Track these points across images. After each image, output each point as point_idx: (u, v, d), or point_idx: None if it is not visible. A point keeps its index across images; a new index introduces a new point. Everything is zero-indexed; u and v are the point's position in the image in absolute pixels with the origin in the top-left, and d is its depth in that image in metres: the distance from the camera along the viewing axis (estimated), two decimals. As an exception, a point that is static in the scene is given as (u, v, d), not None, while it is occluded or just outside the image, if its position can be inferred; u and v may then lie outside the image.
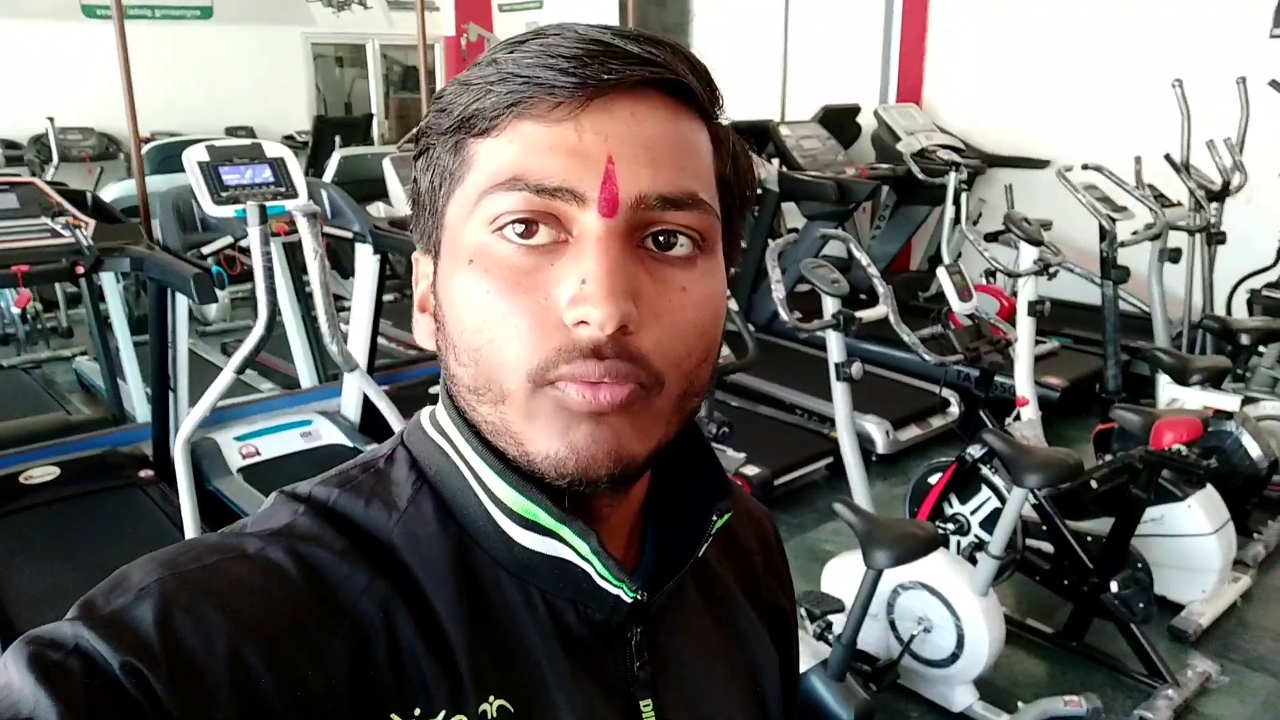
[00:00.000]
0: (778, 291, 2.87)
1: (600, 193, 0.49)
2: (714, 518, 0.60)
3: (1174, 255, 4.44)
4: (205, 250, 3.10)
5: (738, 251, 0.60)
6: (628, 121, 0.50)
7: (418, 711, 0.50)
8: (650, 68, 0.51)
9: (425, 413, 0.61)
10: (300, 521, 0.54)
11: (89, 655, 0.45)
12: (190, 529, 2.56)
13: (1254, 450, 3.24)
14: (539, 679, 0.55)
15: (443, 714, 0.51)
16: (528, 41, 0.52)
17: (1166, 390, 3.59)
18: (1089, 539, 2.84)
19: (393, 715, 0.49)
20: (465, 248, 0.52)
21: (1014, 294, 3.77)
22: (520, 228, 0.51)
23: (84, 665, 0.44)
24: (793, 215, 5.66)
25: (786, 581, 0.77)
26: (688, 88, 0.53)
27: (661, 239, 0.52)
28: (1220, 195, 4.48)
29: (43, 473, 3.13)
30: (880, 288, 3.04)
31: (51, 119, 6.65)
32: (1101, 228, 4.26)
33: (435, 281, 0.56)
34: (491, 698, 0.52)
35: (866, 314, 2.94)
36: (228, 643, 0.46)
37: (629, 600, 0.55)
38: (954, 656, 2.52)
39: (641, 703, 0.58)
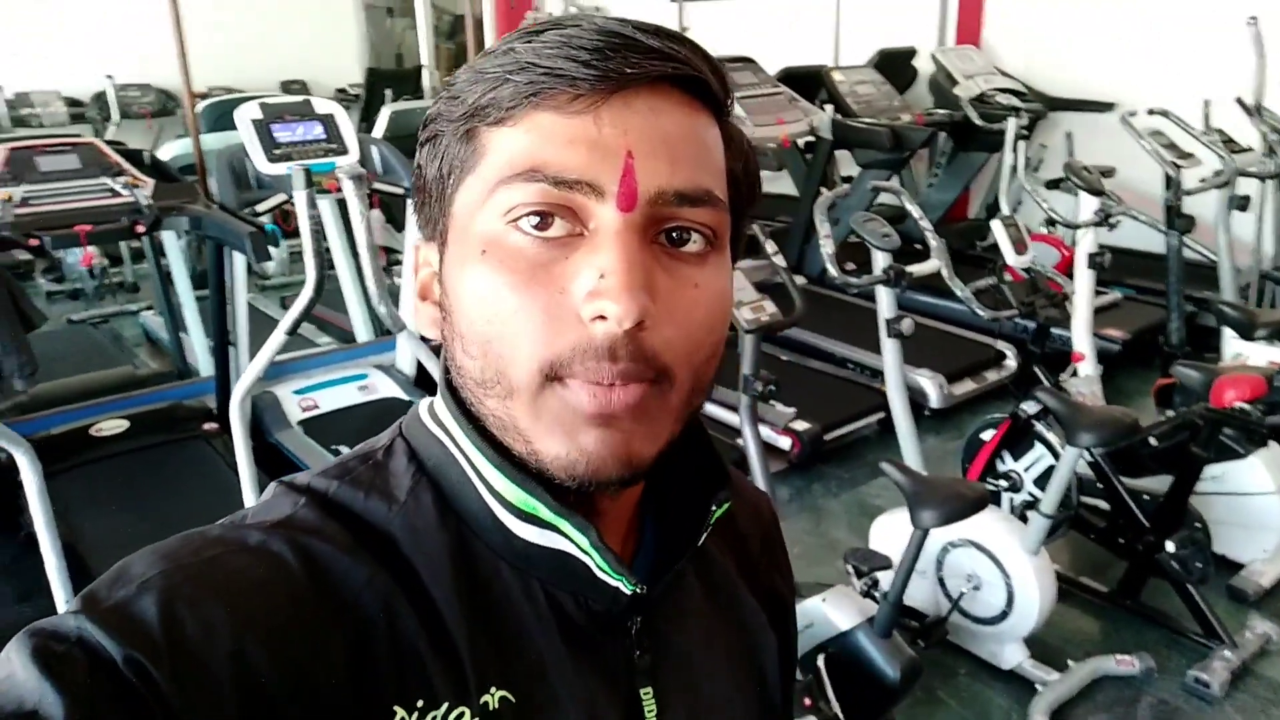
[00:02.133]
0: (826, 246, 2.83)
1: (619, 187, 0.49)
2: (713, 507, 0.60)
3: (1243, 203, 4.28)
4: (260, 208, 3.15)
5: (742, 249, 0.60)
6: (647, 116, 0.50)
7: (420, 703, 0.50)
8: (671, 63, 0.50)
9: (424, 404, 0.61)
10: (301, 513, 0.54)
11: (92, 647, 0.45)
12: (247, 481, 2.64)
13: (1321, 407, 3.14)
14: (540, 669, 0.55)
15: (445, 705, 0.51)
16: (546, 31, 0.51)
17: (1232, 344, 3.48)
18: (1146, 497, 2.79)
19: (395, 707, 0.50)
20: (477, 238, 0.52)
21: (1074, 244, 3.68)
22: (536, 220, 0.50)
23: (87, 657, 0.44)
24: (846, 163, 5.55)
25: (785, 566, 0.77)
26: (704, 85, 0.53)
27: (675, 235, 0.52)
28: (1295, 140, 4.30)
29: (112, 425, 3.24)
30: (933, 241, 2.98)
31: (111, 76, 6.74)
32: (1166, 175, 4.11)
33: (441, 270, 0.56)
34: (493, 689, 0.53)
35: (918, 268, 2.89)
36: (230, 635, 0.46)
37: (629, 592, 0.55)
38: (1004, 614, 2.51)
39: (642, 691, 0.58)
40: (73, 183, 2.95)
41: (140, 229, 2.98)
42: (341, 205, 3.45)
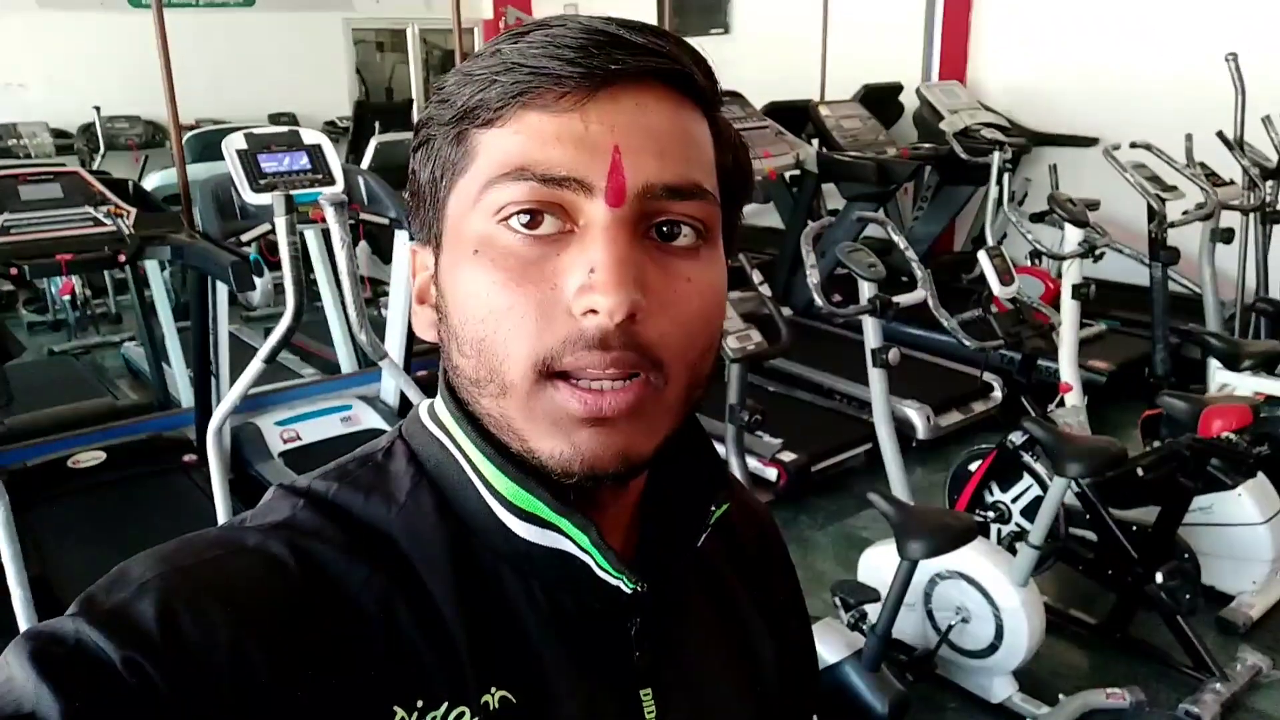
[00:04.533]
0: (812, 276, 2.83)
1: (607, 182, 0.49)
2: (712, 508, 0.60)
3: (1226, 236, 4.32)
4: (244, 237, 3.13)
5: (736, 243, 0.60)
6: (633, 112, 0.51)
7: (420, 703, 0.50)
8: (656, 59, 0.51)
9: (424, 405, 0.61)
10: (300, 515, 0.55)
11: (90, 650, 0.45)
12: (222, 513, 2.60)
13: (1308, 437, 3.14)
14: (540, 669, 0.55)
15: (445, 705, 0.51)
16: (532, 32, 0.52)
17: (1217, 375, 3.49)
18: (1134, 528, 2.78)
19: (395, 708, 0.50)
20: (469, 238, 0.52)
21: (1059, 276, 3.69)
22: (526, 218, 0.50)
23: (85, 660, 0.45)
24: (833, 197, 5.59)
25: (787, 573, 0.77)
26: (690, 79, 0.53)
27: (665, 229, 0.52)
28: (1276, 173, 4.34)
29: (90, 457, 3.20)
30: (919, 272, 2.99)
31: (98, 108, 6.77)
32: (1150, 207, 4.14)
33: (436, 273, 0.56)
34: (493, 688, 0.53)
35: (904, 298, 2.89)
36: (228, 636, 0.46)
37: (628, 591, 0.55)
38: (993, 647, 2.49)
39: (641, 692, 0.58)
40: (55, 211, 2.93)
41: (122, 258, 2.96)
42: (327, 236, 3.44)
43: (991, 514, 3.01)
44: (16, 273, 2.81)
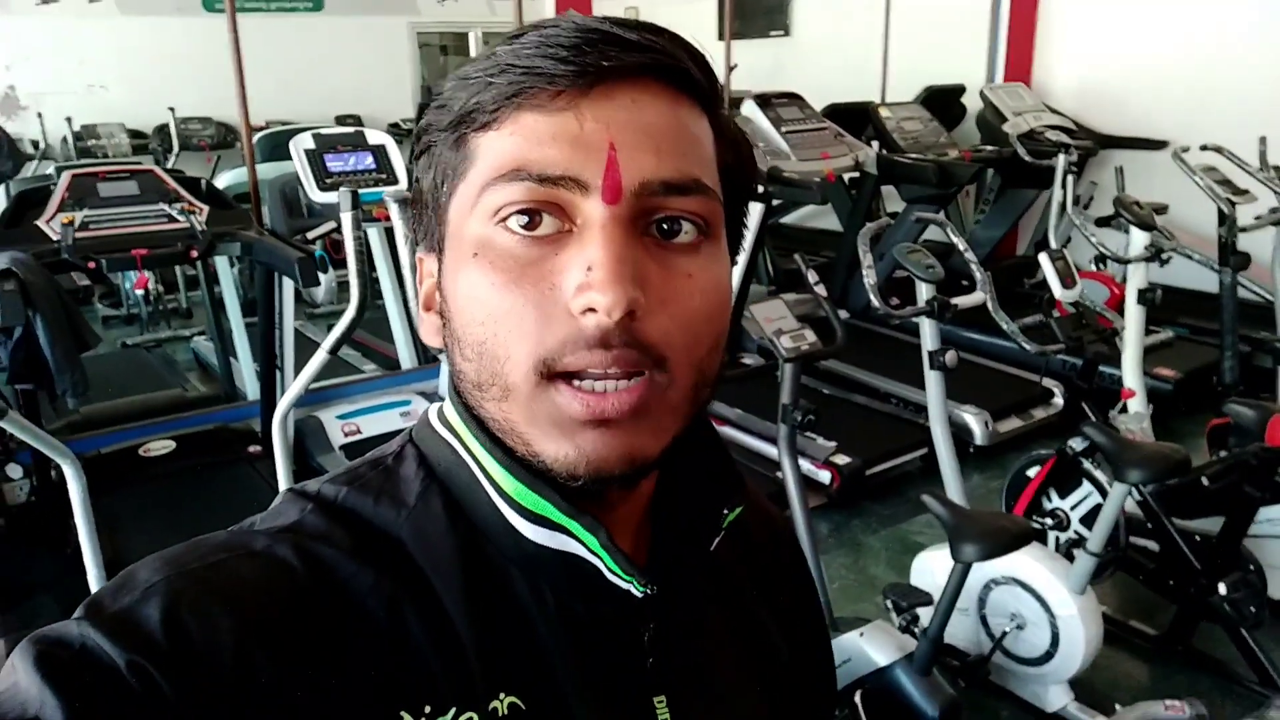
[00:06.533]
0: (869, 276, 2.81)
1: (603, 180, 0.49)
2: (725, 511, 0.59)
3: (1301, 241, 4.18)
4: (310, 235, 3.22)
5: (741, 241, 0.60)
6: (629, 109, 0.50)
7: (428, 709, 0.50)
8: (650, 54, 0.51)
9: (434, 409, 0.61)
10: (308, 519, 0.54)
11: (95, 654, 0.45)
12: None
13: (1384, 449, 3.04)
14: (550, 675, 0.54)
15: (453, 711, 0.51)
16: (526, 34, 0.52)
17: (1289, 384, 3.39)
18: (1198, 538, 2.71)
19: (403, 713, 0.49)
20: (469, 242, 0.52)
21: (1124, 281, 3.62)
22: (524, 219, 0.50)
23: (90, 664, 0.45)
24: (893, 200, 5.54)
25: (803, 578, 0.76)
26: (687, 75, 0.53)
27: (665, 226, 0.52)
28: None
29: (160, 446, 3.31)
30: (978, 274, 2.95)
31: (172, 109, 6.99)
32: (1220, 211, 4.04)
33: (440, 279, 0.56)
34: (503, 695, 0.52)
35: (963, 300, 2.86)
36: (234, 640, 0.46)
37: (639, 595, 0.55)
38: (1048, 655, 2.45)
39: (655, 699, 0.58)
40: (131, 208, 3.04)
41: (194, 253, 3.06)
42: (389, 235, 3.52)
43: (1049, 521, 2.96)
44: (95, 266, 2.92)
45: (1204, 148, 4.21)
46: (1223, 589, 2.56)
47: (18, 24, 7.03)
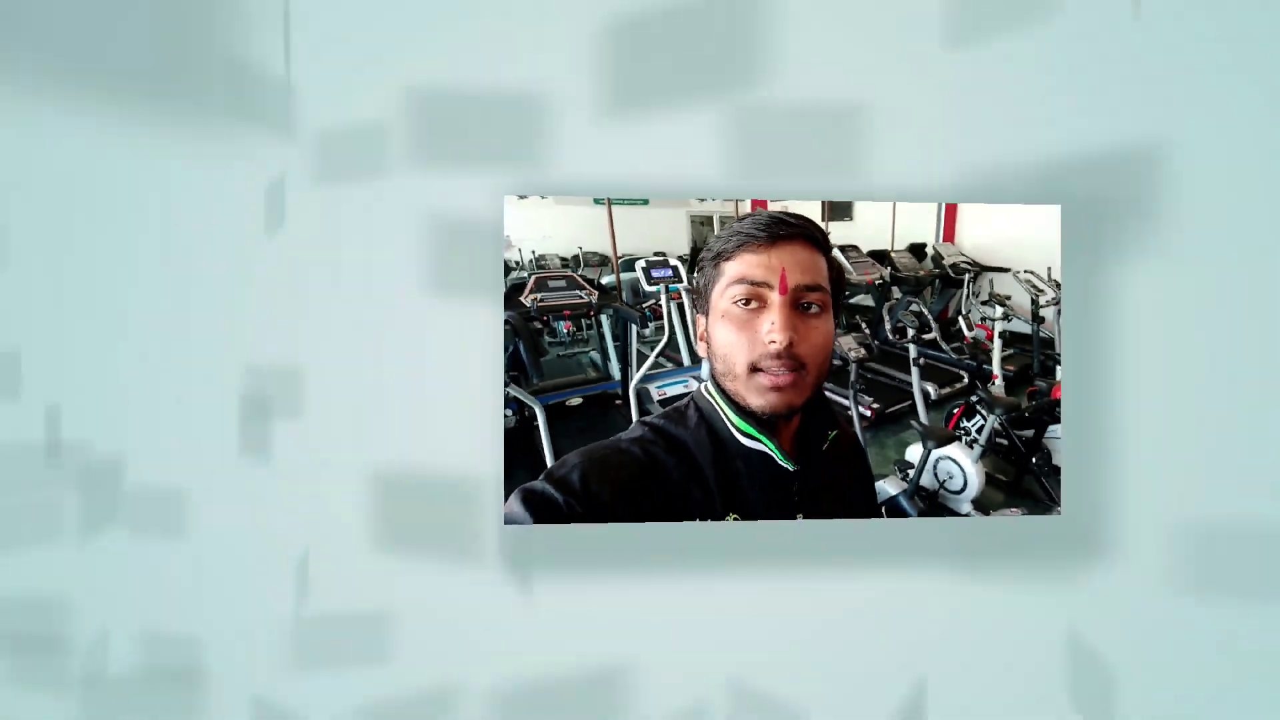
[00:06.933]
0: (887, 324, 3.83)
1: (779, 284, 0.91)
2: (829, 432, 1.07)
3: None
4: (644, 305, 4.67)
5: (839, 313, 1.08)
6: (790, 252, 0.96)
7: (698, 519, 0.92)
8: (798, 228, 0.99)
9: (701, 386, 1.07)
10: (646, 434, 1.00)
11: (548, 495, 0.88)
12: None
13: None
14: (752, 503, 0.97)
15: (710, 521, 0.91)
16: (744, 219, 1.00)
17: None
18: (1024, 438, 3.86)
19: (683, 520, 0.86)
20: (719, 311, 0.98)
21: (994, 327, 5.02)
22: (745, 301, 0.96)
23: (546, 500, 0.87)
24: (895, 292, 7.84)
25: (861, 456, 1.36)
26: (814, 236, 1.04)
27: (804, 305, 0.98)
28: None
29: (575, 401, 4.51)
30: (933, 324, 4.15)
31: (580, 247, 8.96)
32: (1032, 298, 4.84)
33: (706, 326, 1.04)
34: (731, 515, 0.93)
35: (925, 336, 3.98)
36: (610, 491, 0.86)
37: (791, 470, 0.99)
38: (963, 489, 3.51)
39: (797, 515, 1.02)
40: (562, 292, 4.47)
41: (591, 313, 4.48)
42: (681, 308, 5.20)
43: (963, 433, 4.22)
44: (545, 319, 4.43)
45: (1025, 271, 5.93)
46: (1034, 460, 3.85)
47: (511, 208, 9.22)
